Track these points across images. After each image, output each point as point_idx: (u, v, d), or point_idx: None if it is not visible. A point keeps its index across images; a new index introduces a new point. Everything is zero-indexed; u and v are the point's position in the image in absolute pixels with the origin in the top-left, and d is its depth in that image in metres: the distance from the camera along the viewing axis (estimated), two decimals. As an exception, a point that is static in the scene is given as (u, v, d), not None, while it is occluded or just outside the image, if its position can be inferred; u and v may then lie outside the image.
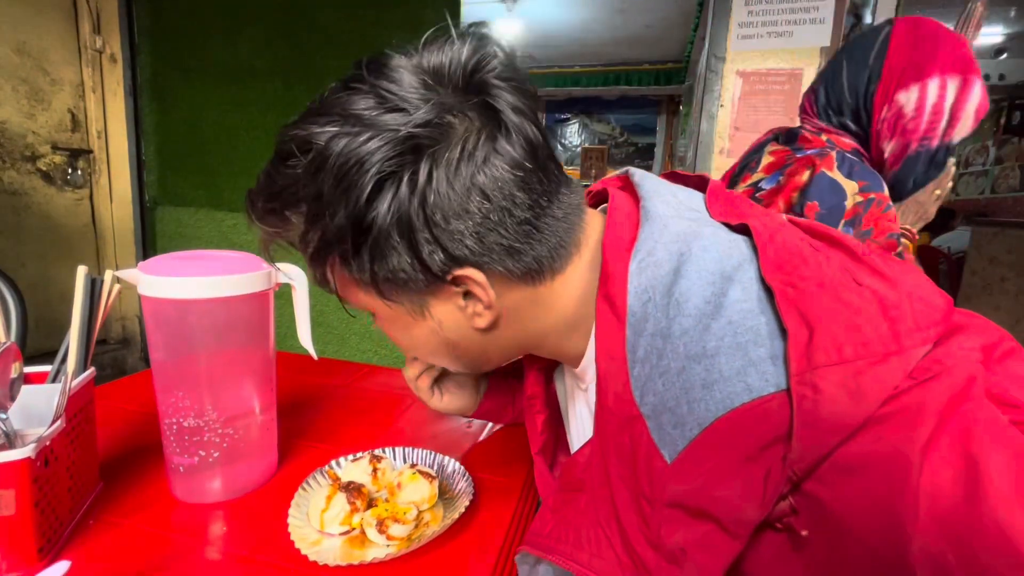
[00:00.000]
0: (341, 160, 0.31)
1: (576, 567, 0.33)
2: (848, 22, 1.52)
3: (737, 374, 0.26)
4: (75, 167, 2.15)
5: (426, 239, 0.32)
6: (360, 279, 0.35)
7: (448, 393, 0.62)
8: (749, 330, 0.27)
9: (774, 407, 0.25)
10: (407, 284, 0.34)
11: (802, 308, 0.26)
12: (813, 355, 0.25)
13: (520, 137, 0.32)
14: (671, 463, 0.28)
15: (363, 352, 2.01)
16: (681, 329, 0.29)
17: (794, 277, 0.28)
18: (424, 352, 0.42)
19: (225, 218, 2.10)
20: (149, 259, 0.48)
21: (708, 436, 0.26)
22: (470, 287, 0.35)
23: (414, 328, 0.39)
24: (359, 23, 1.83)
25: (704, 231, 0.33)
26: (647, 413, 0.29)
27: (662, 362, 0.29)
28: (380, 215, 0.31)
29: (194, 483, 0.50)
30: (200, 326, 0.47)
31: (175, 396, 0.48)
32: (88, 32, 2.11)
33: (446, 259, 0.33)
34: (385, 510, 0.47)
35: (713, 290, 0.29)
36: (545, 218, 0.34)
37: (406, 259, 0.33)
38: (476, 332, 0.38)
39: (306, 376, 0.86)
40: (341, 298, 0.41)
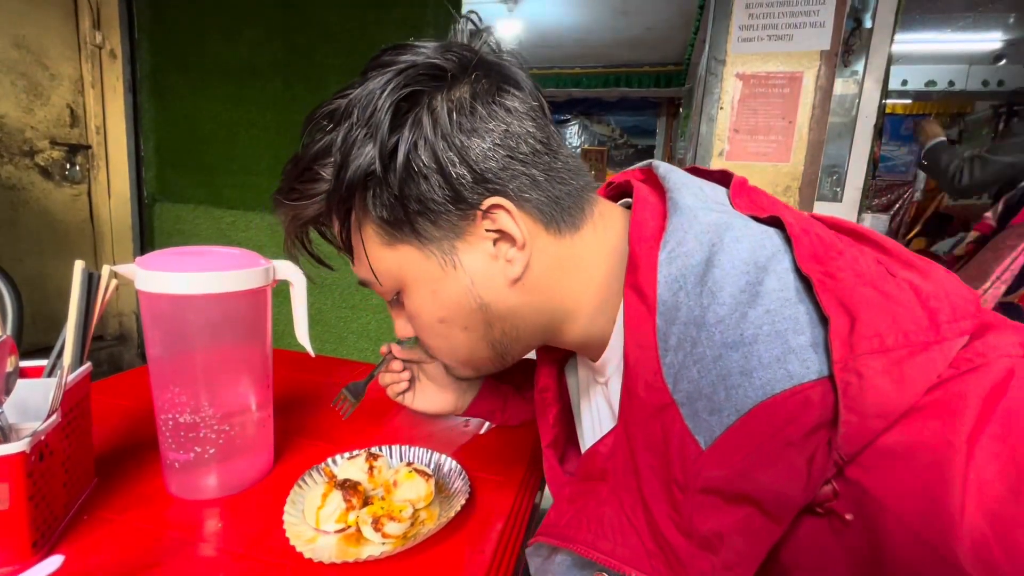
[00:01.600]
0: (362, 96, 0.34)
1: (598, 555, 0.33)
2: (848, 26, 1.52)
3: (776, 361, 0.26)
4: (73, 163, 2.14)
5: (450, 159, 0.34)
6: (392, 220, 0.36)
7: (422, 394, 0.63)
8: (787, 318, 0.27)
9: (817, 394, 0.25)
10: (439, 217, 0.35)
11: (841, 297, 0.26)
12: (856, 343, 0.25)
13: (526, 84, 0.37)
14: (706, 449, 0.28)
15: (360, 351, 2.01)
16: (716, 317, 0.29)
17: (831, 267, 0.28)
18: (456, 322, 0.39)
19: (224, 215, 2.09)
20: (147, 254, 0.47)
21: (747, 422, 0.26)
22: (500, 224, 0.35)
23: (445, 289, 0.38)
24: (359, 22, 1.83)
25: (735, 222, 0.33)
26: (680, 400, 0.29)
27: (696, 350, 0.29)
28: (404, 139, 0.34)
29: (189, 479, 0.50)
30: (197, 322, 0.47)
31: (171, 392, 0.48)
32: (88, 27, 2.10)
33: (473, 180, 0.34)
34: (381, 508, 0.47)
35: (748, 279, 0.29)
36: (558, 159, 0.37)
37: (436, 181, 0.34)
38: (508, 290, 0.38)
39: (303, 374, 0.86)
40: (364, 281, 0.41)
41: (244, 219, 2.06)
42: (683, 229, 0.34)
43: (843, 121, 1.60)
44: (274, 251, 0.52)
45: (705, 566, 0.28)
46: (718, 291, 0.30)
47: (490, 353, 0.42)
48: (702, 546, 0.28)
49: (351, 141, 0.34)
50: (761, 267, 0.30)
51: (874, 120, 1.59)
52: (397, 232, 0.37)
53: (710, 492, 0.28)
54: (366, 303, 1.96)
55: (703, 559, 0.28)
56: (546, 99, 0.39)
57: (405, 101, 0.34)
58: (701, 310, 0.30)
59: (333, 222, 0.40)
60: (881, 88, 1.57)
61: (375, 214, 0.36)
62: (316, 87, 1.91)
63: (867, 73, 1.56)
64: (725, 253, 0.31)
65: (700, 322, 0.30)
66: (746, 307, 0.29)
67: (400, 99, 0.34)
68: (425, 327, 0.41)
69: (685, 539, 0.29)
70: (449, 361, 0.44)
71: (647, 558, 0.31)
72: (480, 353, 0.42)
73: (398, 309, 0.44)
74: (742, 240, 0.32)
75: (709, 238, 0.32)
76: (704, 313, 0.30)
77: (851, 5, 1.52)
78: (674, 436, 0.30)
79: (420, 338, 0.43)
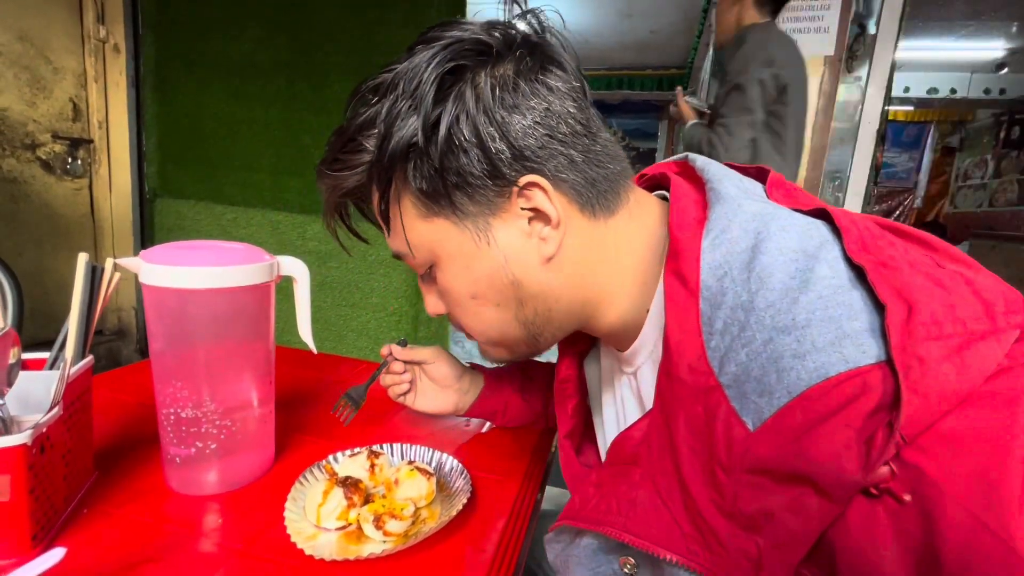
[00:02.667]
0: (407, 70, 0.35)
1: (631, 538, 0.34)
2: (852, 32, 1.52)
3: (831, 345, 0.26)
4: (75, 156, 2.14)
5: (490, 134, 0.34)
6: (431, 192, 0.36)
7: (423, 395, 0.64)
8: (841, 304, 0.27)
9: (876, 378, 0.25)
10: (476, 191, 0.36)
11: (896, 285, 0.26)
12: (914, 329, 0.25)
13: (569, 66, 0.37)
14: (754, 431, 0.28)
15: (360, 349, 2.00)
16: (766, 302, 0.29)
17: (883, 256, 0.28)
18: (488, 299, 0.39)
19: (225, 211, 2.09)
20: (151, 248, 0.47)
21: (800, 403, 0.26)
22: (536, 203, 0.36)
23: (478, 264, 0.38)
24: (363, 21, 1.83)
25: (780, 212, 0.34)
26: (727, 383, 0.29)
27: (745, 333, 0.29)
28: (447, 111, 0.34)
29: (190, 474, 0.50)
30: (201, 316, 0.47)
31: (173, 386, 0.48)
32: (92, 21, 2.10)
33: (512, 156, 0.35)
34: (382, 506, 0.46)
35: (797, 267, 0.29)
36: (597, 142, 0.38)
37: (475, 155, 0.35)
38: (541, 269, 0.38)
39: (304, 371, 0.86)
40: (399, 253, 0.41)
41: (245, 216, 2.06)
42: (727, 217, 0.34)
43: (846, 127, 1.61)
44: (275, 248, 0.52)
45: (749, 547, 0.28)
46: (767, 277, 0.30)
47: (522, 333, 0.41)
48: (746, 526, 0.28)
49: (395, 113, 0.35)
50: (810, 255, 0.30)
51: (876, 126, 1.60)
52: (434, 205, 0.37)
53: (758, 472, 0.28)
54: (366, 302, 1.96)
55: (747, 540, 0.28)
56: None
57: (450, 75, 0.35)
58: (749, 295, 0.30)
59: (373, 193, 0.40)
60: (884, 94, 1.58)
61: (414, 186, 0.37)
62: (319, 85, 1.90)
63: (870, 79, 1.56)
64: (772, 241, 0.31)
65: (749, 307, 0.29)
66: (797, 293, 0.28)
67: (445, 72, 0.34)
68: (457, 303, 0.41)
69: (727, 520, 0.29)
70: (481, 339, 0.44)
71: (683, 540, 0.31)
72: (512, 332, 0.41)
73: (429, 284, 0.44)
74: (789, 229, 0.32)
75: (755, 226, 0.32)
76: (753, 298, 0.30)
77: (855, 11, 1.52)
78: (719, 418, 0.29)
79: (451, 315, 0.43)
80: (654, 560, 0.34)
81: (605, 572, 0.39)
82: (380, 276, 1.92)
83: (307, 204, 1.99)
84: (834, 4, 1.50)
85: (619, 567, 0.38)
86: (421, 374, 0.65)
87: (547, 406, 0.69)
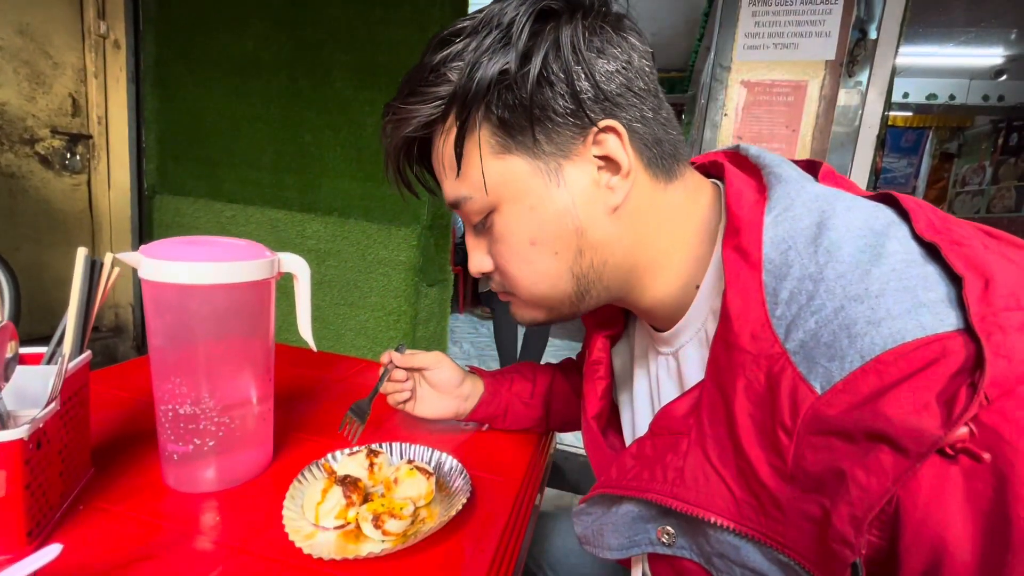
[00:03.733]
0: (498, 10, 0.36)
1: (679, 503, 0.34)
2: (853, 36, 1.52)
3: (907, 313, 0.27)
4: (74, 152, 2.13)
5: (577, 72, 0.36)
6: (512, 124, 0.37)
7: (423, 401, 0.64)
8: (915, 276, 0.28)
9: (957, 343, 0.25)
10: (555, 129, 0.37)
11: (970, 260, 0.27)
12: (993, 300, 0.25)
13: (643, 33, 0.39)
14: (823, 394, 0.28)
15: (358, 348, 2.00)
16: (836, 273, 0.29)
17: (954, 236, 0.29)
18: (548, 245, 0.39)
19: (224, 209, 2.08)
20: (151, 243, 0.47)
21: (874, 366, 0.27)
22: (608, 150, 0.37)
23: (545, 206, 0.38)
24: (366, 20, 1.82)
25: (843, 194, 0.34)
26: (793, 349, 0.30)
27: (814, 302, 0.30)
28: (539, 46, 0.35)
29: (187, 471, 0.49)
30: (201, 312, 0.47)
31: (172, 382, 0.47)
32: (92, 17, 2.09)
33: (594, 97, 0.36)
34: (381, 505, 0.46)
35: (867, 242, 0.30)
36: (663, 107, 0.40)
37: (560, 90, 0.36)
38: (605, 218, 0.39)
39: (303, 369, 0.85)
40: (457, 200, 0.41)
41: (244, 214, 2.06)
42: (789, 197, 0.35)
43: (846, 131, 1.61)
44: (275, 246, 0.52)
45: (813, 509, 0.28)
46: (835, 251, 0.30)
47: (571, 288, 0.41)
48: (810, 488, 0.29)
49: (485, 46, 0.36)
50: (879, 232, 0.30)
51: (877, 131, 1.60)
52: (511, 141, 0.38)
53: (826, 433, 0.28)
54: (364, 301, 1.96)
55: (810, 502, 0.28)
56: None
57: (541, 18, 0.36)
58: (818, 267, 0.30)
59: (443, 132, 0.40)
60: (884, 99, 1.58)
61: (496, 116, 0.37)
62: (321, 83, 1.90)
63: (871, 84, 1.56)
64: (838, 218, 0.32)
65: (818, 277, 0.30)
66: (869, 265, 0.29)
67: (538, 11, 0.36)
68: (513, 250, 0.41)
69: (787, 484, 0.30)
70: (526, 294, 0.43)
71: (736, 506, 0.32)
72: (561, 287, 0.41)
73: (480, 239, 0.43)
74: (854, 210, 0.32)
75: (819, 205, 0.33)
76: (822, 270, 0.30)
77: (857, 15, 1.52)
78: (783, 384, 0.30)
79: (501, 267, 0.42)
80: (698, 527, 0.35)
81: (642, 540, 0.39)
82: (379, 275, 1.92)
83: (307, 202, 1.99)
84: (836, 9, 1.50)
85: (656, 537, 0.38)
86: (421, 380, 0.65)
87: (547, 411, 0.69)
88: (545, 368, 0.72)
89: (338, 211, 1.95)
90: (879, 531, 0.27)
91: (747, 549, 0.32)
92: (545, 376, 0.70)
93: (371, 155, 1.89)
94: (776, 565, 0.31)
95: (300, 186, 1.99)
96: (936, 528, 0.25)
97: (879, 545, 0.27)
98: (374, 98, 1.85)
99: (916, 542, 0.25)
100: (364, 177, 1.91)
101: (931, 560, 0.25)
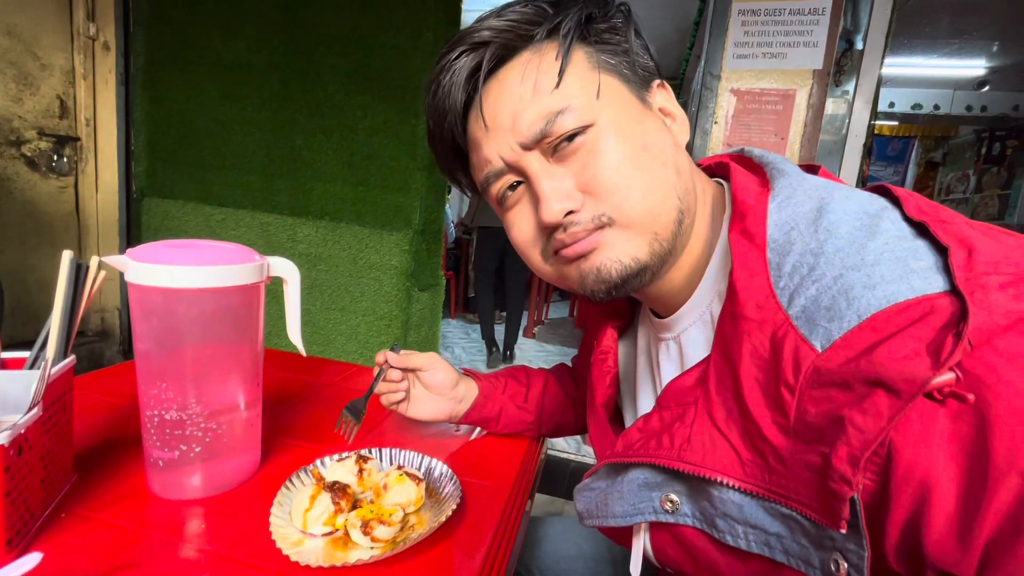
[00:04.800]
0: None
1: (685, 465, 0.36)
2: (840, 47, 1.55)
3: (900, 278, 0.29)
4: (61, 154, 2.10)
5: (640, 34, 0.42)
6: (613, 46, 0.40)
7: (417, 402, 0.63)
8: (907, 248, 0.31)
9: (944, 302, 0.28)
10: (638, 66, 0.41)
11: (955, 235, 0.30)
12: (975, 265, 0.28)
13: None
14: (823, 351, 0.30)
15: (348, 353, 1.99)
16: (835, 248, 0.32)
17: (941, 215, 0.32)
18: (657, 154, 0.39)
19: (214, 212, 2.07)
20: (138, 246, 0.46)
21: (870, 323, 0.29)
22: (664, 101, 0.43)
23: (646, 121, 0.41)
24: (358, 25, 1.83)
25: (840, 185, 0.38)
26: (795, 314, 0.32)
27: (814, 272, 0.32)
28: (620, 12, 0.42)
29: (173, 478, 0.49)
30: (188, 316, 0.46)
31: (158, 388, 0.47)
32: (82, 19, 2.07)
33: (648, 58, 0.42)
34: (370, 511, 0.46)
35: (862, 222, 0.33)
36: None
37: (638, 44, 0.42)
38: (678, 150, 0.42)
39: (292, 373, 0.85)
40: (551, 113, 0.38)
41: (234, 217, 2.04)
42: (791, 186, 0.38)
43: (833, 139, 1.63)
44: (265, 250, 0.51)
45: (814, 458, 0.30)
46: (834, 229, 0.33)
47: (676, 209, 0.39)
48: (812, 439, 0.30)
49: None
50: (873, 215, 0.33)
51: (863, 139, 1.62)
52: (611, 60, 0.40)
53: (827, 385, 0.30)
54: (355, 305, 1.94)
55: (811, 452, 0.30)
56: None
57: None
58: (818, 243, 0.33)
59: (537, 47, 0.40)
60: (871, 109, 1.60)
61: (600, 31, 0.40)
62: (313, 87, 1.90)
63: (857, 93, 1.59)
64: (836, 204, 0.35)
65: (818, 251, 0.33)
66: (864, 240, 0.32)
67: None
68: (626, 155, 0.38)
69: (790, 439, 0.32)
70: (639, 207, 0.38)
71: (740, 465, 0.34)
72: (671, 202, 0.39)
73: (557, 169, 0.39)
74: (850, 198, 0.35)
75: (818, 194, 0.36)
76: (822, 245, 0.33)
77: (844, 26, 1.55)
78: (786, 346, 0.32)
79: (606, 183, 0.38)
80: (703, 491, 0.36)
81: (646, 509, 0.40)
82: (370, 280, 1.91)
83: (298, 206, 1.98)
84: (823, 19, 1.53)
85: (659, 505, 0.40)
86: (415, 381, 0.65)
87: (540, 415, 0.69)
88: (539, 372, 0.72)
89: (330, 215, 1.94)
90: (874, 473, 0.29)
91: (751, 507, 0.34)
92: (539, 380, 0.70)
93: (363, 159, 1.89)
94: (778, 519, 0.33)
95: (291, 190, 1.98)
96: (924, 467, 0.27)
97: (873, 488, 0.29)
98: (366, 103, 1.85)
99: (906, 481, 0.27)
100: (356, 181, 1.90)
101: (918, 497, 0.27)
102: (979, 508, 0.25)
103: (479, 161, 0.43)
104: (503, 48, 0.39)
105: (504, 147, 0.40)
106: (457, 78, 0.41)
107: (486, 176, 0.42)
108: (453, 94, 0.41)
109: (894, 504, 0.28)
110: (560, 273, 0.43)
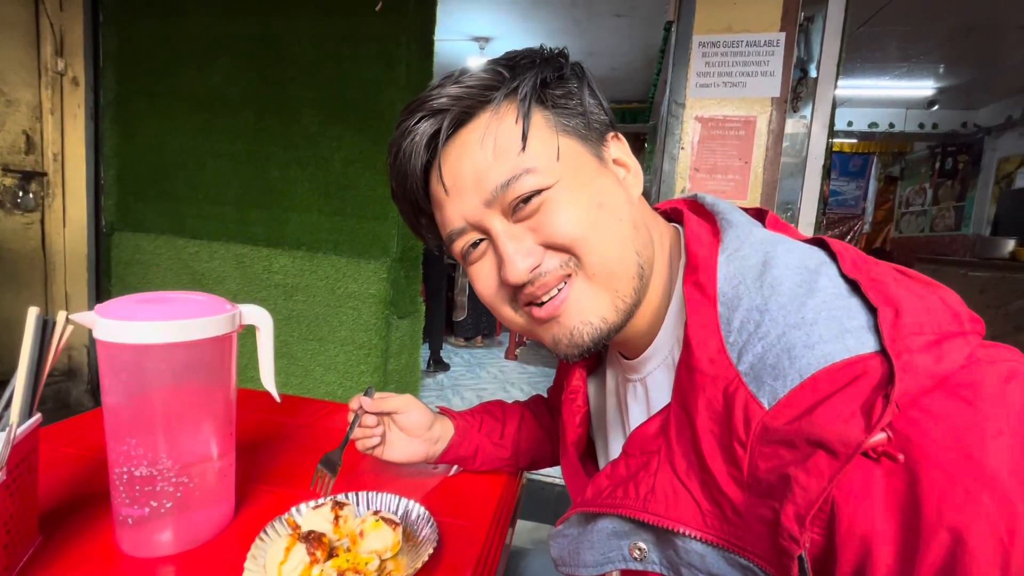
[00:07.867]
0: (526, 52, 0.43)
1: (650, 516, 0.37)
2: (795, 75, 1.63)
3: (836, 337, 0.31)
4: (27, 190, 2.06)
5: (594, 91, 0.43)
6: (567, 109, 0.42)
7: (392, 446, 0.64)
8: (841, 308, 0.33)
9: (875, 362, 0.30)
10: (593, 124, 0.43)
11: (885, 295, 0.32)
12: (901, 327, 0.30)
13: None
14: (770, 408, 0.32)
15: (327, 384, 1.96)
16: (778, 305, 0.34)
17: (872, 274, 0.34)
18: (614, 210, 0.41)
19: (187, 245, 2.04)
20: (106, 302, 0.46)
21: (810, 383, 0.31)
22: (619, 152, 0.44)
23: (601, 179, 0.42)
24: (334, 57, 1.85)
25: (783, 238, 0.40)
26: (744, 371, 0.34)
27: (760, 329, 0.34)
28: (573, 69, 0.43)
29: (143, 535, 0.48)
30: (158, 371, 0.46)
31: (127, 444, 0.46)
32: (50, 54, 2.06)
33: (603, 112, 0.44)
34: (346, 560, 0.46)
35: (803, 278, 0.35)
36: None
37: (592, 102, 0.43)
38: (634, 204, 0.43)
39: (267, 414, 0.84)
40: (515, 175, 0.39)
41: (208, 249, 2.01)
42: (739, 239, 0.40)
43: (794, 161, 1.71)
44: (238, 282, 0.52)
45: (766, 512, 0.32)
46: (777, 285, 0.35)
47: (635, 263, 0.41)
48: (763, 494, 0.32)
49: (528, 63, 0.42)
50: (812, 271, 0.35)
51: (822, 160, 1.70)
52: (567, 124, 0.41)
53: (774, 443, 0.32)
54: (334, 336, 1.93)
55: (763, 506, 0.32)
56: None
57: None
58: (763, 299, 0.35)
59: (495, 112, 0.40)
60: (828, 130, 1.69)
61: (554, 96, 0.41)
62: (289, 119, 1.91)
63: (814, 118, 1.67)
64: (779, 258, 0.37)
65: (763, 308, 0.35)
66: (805, 297, 0.34)
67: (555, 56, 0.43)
68: (584, 213, 0.40)
69: (744, 492, 0.33)
70: (601, 260, 0.40)
71: (701, 516, 0.35)
72: (629, 255, 0.41)
73: (516, 229, 0.41)
74: (792, 252, 0.37)
75: (763, 247, 0.38)
76: (767, 302, 0.35)
77: (797, 56, 1.64)
78: (737, 401, 0.34)
79: (568, 235, 0.39)
80: (669, 540, 0.37)
81: (615, 557, 0.41)
82: (348, 309, 1.90)
83: (274, 237, 1.97)
84: (777, 51, 1.61)
85: (628, 553, 0.40)
86: (391, 424, 0.65)
87: (516, 450, 0.69)
88: (514, 407, 0.73)
89: (306, 245, 1.94)
90: (820, 529, 0.30)
91: (712, 556, 0.35)
92: (515, 416, 0.71)
93: (339, 189, 1.89)
94: (737, 569, 0.34)
95: (267, 221, 1.97)
96: (864, 524, 0.29)
97: (820, 543, 0.30)
98: (341, 134, 1.86)
99: (849, 537, 0.29)
100: (332, 211, 1.91)
101: (861, 553, 0.29)
102: (914, 563, 0.27)
103: (442, 220, 0.44)
104: (462, 113, 0.41)
105: (467, 207, 0.41)
106: (417, 142, 0.42)
107: (449, 234, 0.44)
108: (413, 159, 0.42)
109: (840, 559, 0.29)
110: (532, 329, 0.44)
